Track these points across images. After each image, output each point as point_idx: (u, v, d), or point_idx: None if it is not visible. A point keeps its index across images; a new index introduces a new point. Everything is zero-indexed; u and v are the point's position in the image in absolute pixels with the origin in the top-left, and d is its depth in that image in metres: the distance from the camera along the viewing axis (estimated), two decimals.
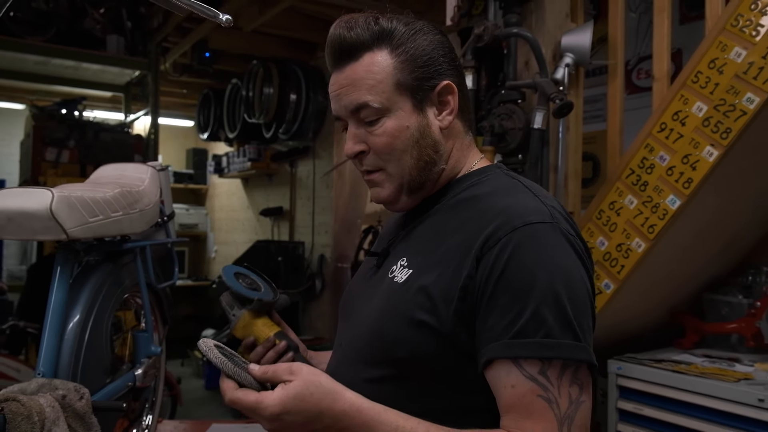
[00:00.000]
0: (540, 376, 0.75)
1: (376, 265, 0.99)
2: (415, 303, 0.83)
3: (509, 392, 0.76)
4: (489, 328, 0.77)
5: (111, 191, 1.39)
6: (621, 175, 1.82)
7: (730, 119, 1.56)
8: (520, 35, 1.80)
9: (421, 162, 0.89)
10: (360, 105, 0.87)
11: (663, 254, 1.79)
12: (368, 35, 0.87)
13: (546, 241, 0.79)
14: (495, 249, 0.78)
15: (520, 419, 0.75)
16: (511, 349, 0.75)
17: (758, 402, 1.62)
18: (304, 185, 5.38)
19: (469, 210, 0.87)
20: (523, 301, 0.76)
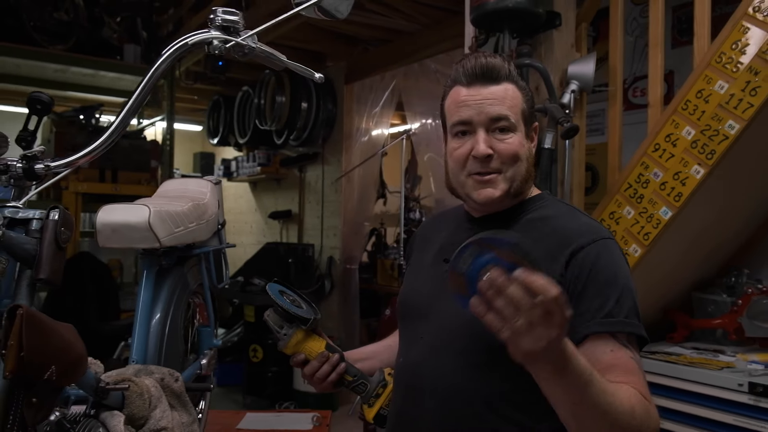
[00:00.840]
0: (628, 344, 0.99)
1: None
2: None
3: (609, 355, 0.97)
4: (583, 312, 0.99)
5: (185, 205, 1.62)
6: (620, 188, 2.06)
7: (714, 142, 1.80)
8: (532, 65, 2.04)
9: (527, 175, 1.11)
10: (502, 116, 1.07)
11: (656, 258, 2.03)
12: (507, 70, 1.10)
13: (614, 250, 1.05)
14: (581, 254, 1.02)
15: (624, 374, 0.96)
16: (605, 325, 0.98)
17: (738, 386, 1.86)
18: (312, 189, 5.57)
19: (545, 228, 1.09)
20: (608, 292, 0.99)
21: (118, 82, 5.51)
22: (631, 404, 0.91)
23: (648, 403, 0.95)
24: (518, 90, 1.11)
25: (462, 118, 1.10)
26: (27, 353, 0.74)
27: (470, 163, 1.10)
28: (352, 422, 4.31)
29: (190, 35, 0.97)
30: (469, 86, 1.10)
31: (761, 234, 2.41)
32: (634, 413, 0.90)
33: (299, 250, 5.33)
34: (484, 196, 1.10)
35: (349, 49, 4.93)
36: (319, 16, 1.04)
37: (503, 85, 1.10)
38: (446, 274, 1.13)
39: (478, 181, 1.10)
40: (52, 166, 0.91)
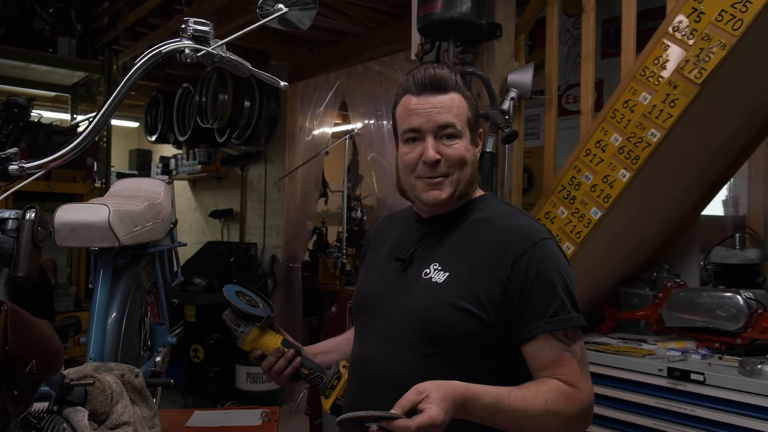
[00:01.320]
0: (564, 337, 1.10)
1: (401, 268, 1.24)
2: (459, 296, 1.13)
3: (548, 354, 1.09)
4: (530, 312, 1.10)
5: (141, 204, 1.65)
6: (555, 190, 2.21)
7: (638, 149, 1.97)
8: (475, 74, 2.16)
9: (471, 178, 1.21)
10: (449, 123, 1.16)
11: (587, 255, 2.19)
12: (453, 81, 1.19)
13: (550, 249, 1.14)
14: (524, 259, 1.11)
15: (556, 368, 1.09)
16: (550, 325, 1.09)
17: (658, 371, 2.04)
18: (255, 188, 5.55)
19: (488, 228, 1.19)
20: (550, 292, 1.10)
21: (51, 75, 5.34)
22: (546, 405, 1.04)
23: (572, 389, 1.07)
24: (464, 99, 1.19)
25: (412, 126, 1.18)
26: (12, 347, 0.78)
27: (420, 167, 1.18)
28: (295, 420, 4.36)
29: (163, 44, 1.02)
30: (418, 95, 1.18)
31: (679, 233, 2.62)
32: (549, 411, 1.04)
33: (241, 249, 5.31)
34: (432, 197, 1.18)
35: (294, 49, 4.95)
36: (283, 27, 1.10)
37: (450, 94, 1.18)
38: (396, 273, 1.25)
39: (427, 184, 1.18)
40: (26, 168, 0.94)
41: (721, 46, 1.80)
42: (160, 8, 4.52)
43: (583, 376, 1.10)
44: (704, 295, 2.21)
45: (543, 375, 1.10)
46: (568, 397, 1.06)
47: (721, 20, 1.80)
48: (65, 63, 5.07)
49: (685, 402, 1.96)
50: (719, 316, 2.13)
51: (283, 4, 1.10)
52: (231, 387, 4.60)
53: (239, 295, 1.30)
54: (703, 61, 1.84)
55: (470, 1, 2.06)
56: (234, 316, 1.28)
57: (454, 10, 2.08)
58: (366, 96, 5.08)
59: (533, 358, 1.11)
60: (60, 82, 5.63)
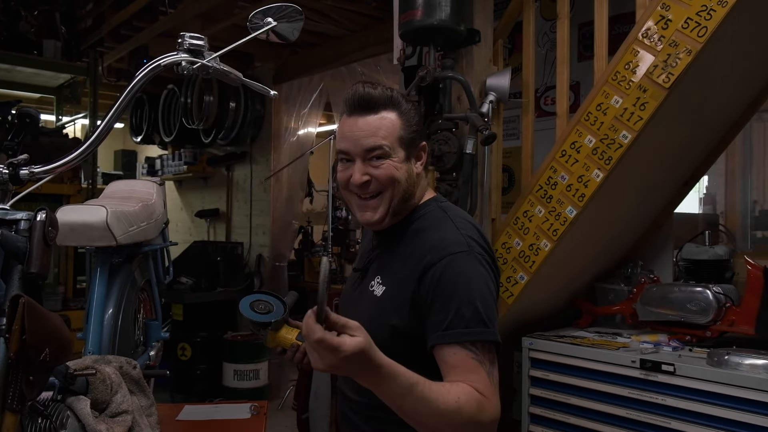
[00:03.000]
0: (473, 347, 1.10)
1: (359, 278, 1.34)
2: (388, 308, 1.20)
3: (453, 358, 1.09)
4: (431, 323, 1.14)
5: (136, 205, 1.72)
6: (532, 189, 2.30)
7: (611, 150, 2.07)
8: (455, 78, 2.25)
9: (406, 194, 1.23)
10: (375, 146, 1.18)
11: (563, 252, 2.29)
12: (385, 98, 1.20)
13: (461, 264, 1.15)
14: (430, 273, 1.15)
15: (464, 373, 1.08)
16: (444, 337, 1.11)
17: (631, 363, 2.14)
18: (240, 188, 5.61)
19: (414, 242, 1.23)
20: (449, 306, 1.12)
21: (36, 77, 5.35)
22: (458, 403, 1.02)
23: (483, 397, 1.05)
24: (398, 116, 1.20)
25: (342, 149, 1.23)
26: (29, 336, 0.85)
27: (351, 185, 1.23)
28: (282, 416, 4.43)
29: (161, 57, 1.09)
30: (350, 116, 1.22)
31: (653, 230, 2.73)
32: (460, 410, 1.02)
33: (228, 249, 5.35)
34: (365, 219, 1.25)
35: (277, 51, 5.02)
36: (273, 40, 1.18)
37: (381, 113, 1.19)
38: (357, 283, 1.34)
39: (360, 205, 1.25)
40: (36, 173, 1.01)
41: (687, 52, 1.91)
42: (144, 10, 4.56)
43: (493, 390, 1.08)
44: (676, 290, 2.31)
45: (452, 379, 1.08)
46: (479, 403, 1.04)
47: (687, 27, 1.91)
48: (50, 65, 5.09)
49: (657, 392, 2.06)
50: (690, 310, 2.24)
51: (271, 18, 1.18)
52: (218, 384, 4.66)
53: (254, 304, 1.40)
54: (671, 66, 1.94)
55: (449, 9, 2.15)
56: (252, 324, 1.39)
57: (433, 17, 2.17)
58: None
59: (440, 362, 1.12)
60: (45, 84, 5.64)
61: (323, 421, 3.10)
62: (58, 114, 5.90)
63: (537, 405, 2.43)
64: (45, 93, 5.92)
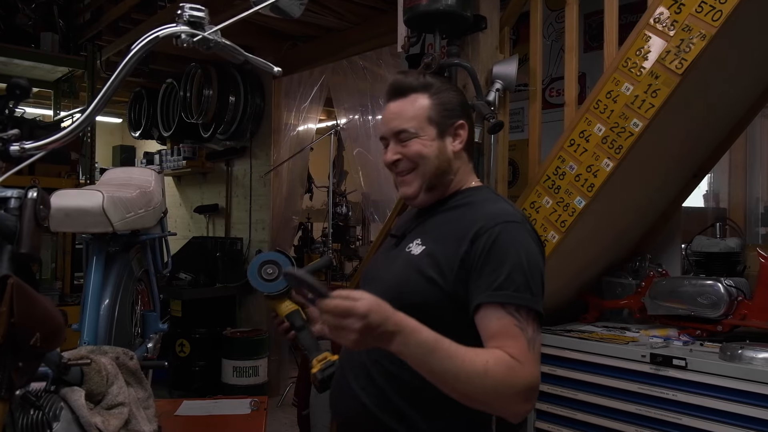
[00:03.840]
0: (516, 312, 1.10)
1: (395, 244, 1.36)
2: (426, 264, 1.20)
3: (496, 323, 1.10)
4: (479, 285, 1.13)
5: (134, 192, 1.67)
6: (540, 180, 2.25)
7: (621, 138, 2.02)
8: (461, 65, 2.20)
9: (440, 169, 1.27)
10: (401, 129, 1.26)
11: (572, 244, 2.24)
12: (417, 83, 1.28)
13: (516, 232, 1.17)
14: (485, 235, 1.16)
15: (503, 339, 1.08)
16: (493, 297, 1.11)
17: (641, 357, 2.09)
18: (240, 183, 5.55)
19: (465, 211, 1.26)
20: (501, 268, 1.12)
21: (33, 70, 5.29)
22: (486, 366, 1.02)
23: (515, 362, 1.05)
24: (428, 97, 1.27)
25: (380, 134, 1.33)
26: (17, 319, 0.80)
27: (388, 165, 1.32)
28: (281, 413, 4.38)
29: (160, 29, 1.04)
30: (386, 103, 1.31)
31: (661, 224, 2.68)
32: (487, 373, 1.01)
33: (227, 244, 5.31)
34: (402, 193, 1.32)
35: (278, 44, 4.95)
36: (275, 15, 1.12)
37: (410, 96, 1.28)
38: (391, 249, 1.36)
39: (399, 181, 1.32)
40: (26, 149, 0.95)
41: (701, 36, 1.85)
42: (142, 3, 4.50)
43: (531, 357, 1.08)
44: (686, 283, 2.26)
45: (489, 346, 1.10)
46: (510, 367, 1.04)
47: (701, 11, 1.86)
48: (48, 58, 5.03)
49: (667, 387, 2.01)
50: (700, 303, 2.18)
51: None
52: (217, 381, 4.61)
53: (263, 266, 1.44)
54: (684, 52, 1.89)
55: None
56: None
57: (440, 2, 2.12)
58: (351, 91, 5.10)
59: (482, 329, 1.12)
60: (43, 78, 5.58)
61: (324, 418, 3.05)
62: (56, 108, 5.84)
63: (544, 401, 2.38)
64: (43, 87, 5.86)
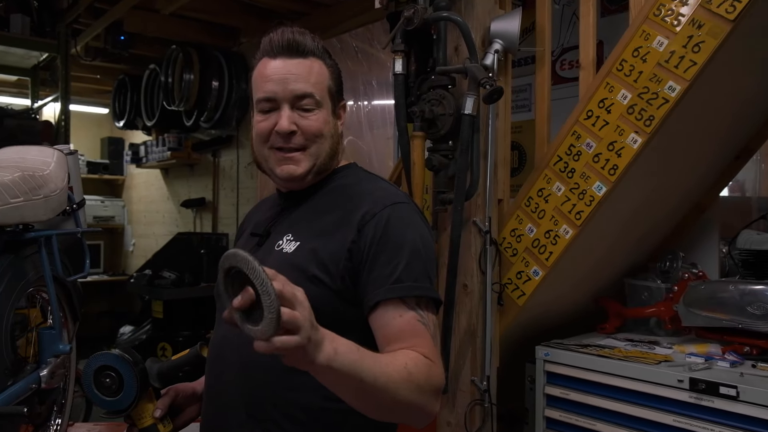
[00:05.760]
0: (418, 306, 1.01)
1: (257, 243, 1.16)
2: (308, 262, 1.04)
3: (398, 321, 0.99)
4: (374, 278, 1.01)
5: (10, 175, 1.27)
6: (549, 162, 1.83)
7: (653, 107, 1.59)
8: (450, 19, 1.78)
9: (332, 152, 1.12)
10: (306, 93, 1.07)
11: (589, 240, 1.82)
12: (315, 46, 1.11)
13: (407, 214, 1.07)
14: (373, 221, 1.03)
15: (410, 338, 0.98)
16: (394, 291, 1.00)
17: (678, 383, 1.67)
18: (227, 176, 5.22)
19: (342, 195, 1.11)
20: (399, 256, 1.01)
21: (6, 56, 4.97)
22: (407, 369, 0.92)
23: (430, 362, 0.97)
24: (325, 66, 1.12)
25: (267, 94, 1.09)
26: None
27: (273, 138, 1.09)
28: None
29: None
30: (275, 58, 1.10)
31: (694, 216, 2.25)
32: (411, 377, 0.92)
33: (212, 240, 4.96)
34: (286, 172, 1.11)
35: (264, 23, 4.57)
36: None
37: (309, 60, 1.10)
38: (254, 249, 1.15)
39: (280, 157, 1.11)
40: None
41: None
42: None
43: (437, 352, 1.01)
44: (731, 288, 1.83)
45: (393, 348, 0.98)
46: (428, 366, 0.96)
47: None
48: (18, 42, 4.68)
49: (712, 421, 1.60)
50: (750, 314, 1.76)
51: None
52: None
53: (99, 374, 1.16)
54: None
55: None
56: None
57: None
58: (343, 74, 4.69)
59: (381, 327, 1.01)
60: (17, 64, 5.25)
61: None
62: (33, 97, 5.48)
63: (554, 430, 1.97)
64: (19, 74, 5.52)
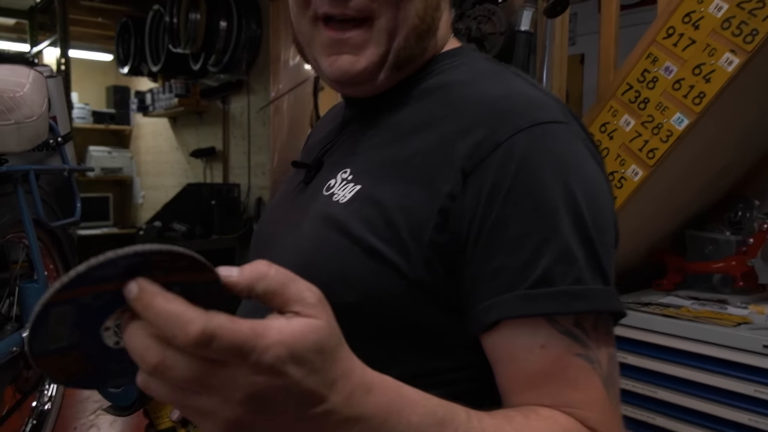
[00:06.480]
0: (576, 328, 0.54)
1: (303, 180, 0.73)
2: (366, 228, 0.59)
3: (536, 356, 0.54)
4: (494, 271, 0.55)
5: None
6: (616, 91, 1.55)
7: (757, 18, 1.31)
8: None
9: (421, 28, 0.63)
10: None
11: (660, 184, 1.57)
12: None
13: (564, 148, 0.58)
14: (494, 159, 0.56)
15: (558, 389, 0.54)
16: (533, 303, 0.54)
17: (763, 348, 1.44)
18: (238, 123, 4.96)
19: (441, 103, 0.63)
20: (543, 232, 0.54)
21: None
22: None
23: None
24: None
25: None
26: None
27: (317, 1, 0.63)
28: None
29: None
30: None
31: None
32: None
33: (224, 191, 4.75)
34: (337, 69, 0.64)
35: None
36: None
37: None
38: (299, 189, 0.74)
39: (328, 40, 0.64)
40: None
41: None
42: None
43: (611, 409, 0.55)
44: None
45: (526, 400, 0.55)
46: None
47: None
48: None
49: None
50: None
51: None
52: None
53: None
54: None
55: None
56: None
57: None
58: None
59: (506, 362, 0.56)
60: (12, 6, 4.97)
61: None
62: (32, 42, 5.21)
63: None
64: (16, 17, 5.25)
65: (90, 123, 6.25)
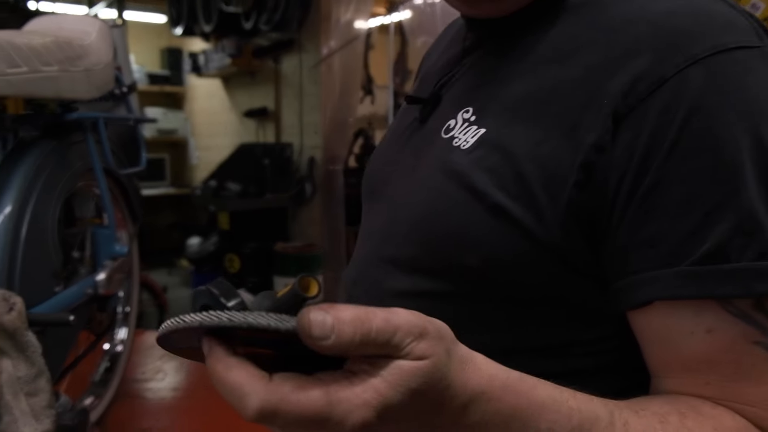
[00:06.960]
0: (756, 312, 0.44)
1: (419, 118, 0.64)
2: (491, 180, 0.50)
3: (699, 340, 0.45)
4: (648, 239, 0.45)
5: (41, 39, 1.05)
6: None
7: None
8: None
9: None
10: None
11: None
12: None
13: (756, 84, 0.44)
14: (657, 99, 0.44)
15: (726, 381, 0.46)
16: (703, 285, 0.44)
17: None
18: (289, 83, 4.97)
19: (588, 24, 0.50)
20: (719, 194, 0.43)
21: None
22: None
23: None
24: None
25: None
26: None
27: None
28: None
29: None
30: None
31: None
32: None
33: (276, 150, 4.80)
34: None
35: None
36: None
37: None
38: (413, 127, 0.65)
39: None
40: None
41: None
42: None
43: None
44: None
45: (682, 387, 0.47)
46: None
47: None
48: None
49: None
50: None
51: None
52: None
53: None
54: None
55: None
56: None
57: None
58: None
59: (660, 343, 0.48)
60: None
61: None
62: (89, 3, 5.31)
63: None
64: None
65: (145, 85, 6.38)
